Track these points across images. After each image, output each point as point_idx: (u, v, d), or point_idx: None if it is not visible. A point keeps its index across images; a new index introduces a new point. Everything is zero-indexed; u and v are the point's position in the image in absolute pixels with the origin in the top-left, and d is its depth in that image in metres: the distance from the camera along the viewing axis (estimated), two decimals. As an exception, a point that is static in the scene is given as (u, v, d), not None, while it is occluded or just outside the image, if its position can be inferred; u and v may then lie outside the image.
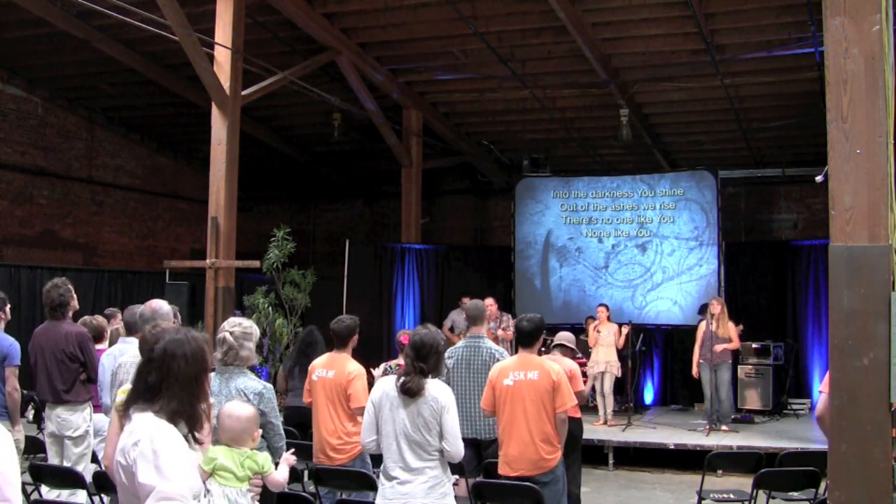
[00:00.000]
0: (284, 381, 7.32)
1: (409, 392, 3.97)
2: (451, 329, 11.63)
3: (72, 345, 5.82)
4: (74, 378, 5.83)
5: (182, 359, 2.50)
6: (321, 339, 7.30)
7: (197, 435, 2.55)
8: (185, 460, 2.41)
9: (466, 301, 11.76)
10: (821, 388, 3.86)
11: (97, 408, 5.95)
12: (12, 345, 5.62)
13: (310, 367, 5.67)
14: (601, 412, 10.22)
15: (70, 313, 5.97)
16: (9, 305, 5.80)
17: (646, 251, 12.21)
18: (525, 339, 5.08)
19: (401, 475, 3.96)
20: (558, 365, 5.16)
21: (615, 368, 10.14)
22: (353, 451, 5.31)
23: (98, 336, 6.46)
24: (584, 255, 12.56)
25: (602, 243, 12.47)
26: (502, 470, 4.98)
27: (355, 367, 5.43)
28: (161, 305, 4.76)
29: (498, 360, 5.69)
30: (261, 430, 3.77)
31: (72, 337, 5.83)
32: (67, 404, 5.82)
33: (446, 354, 5.97)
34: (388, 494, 3.99)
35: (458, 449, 4.01)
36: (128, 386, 3.77)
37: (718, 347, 9.58)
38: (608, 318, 10.40)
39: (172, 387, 2.46)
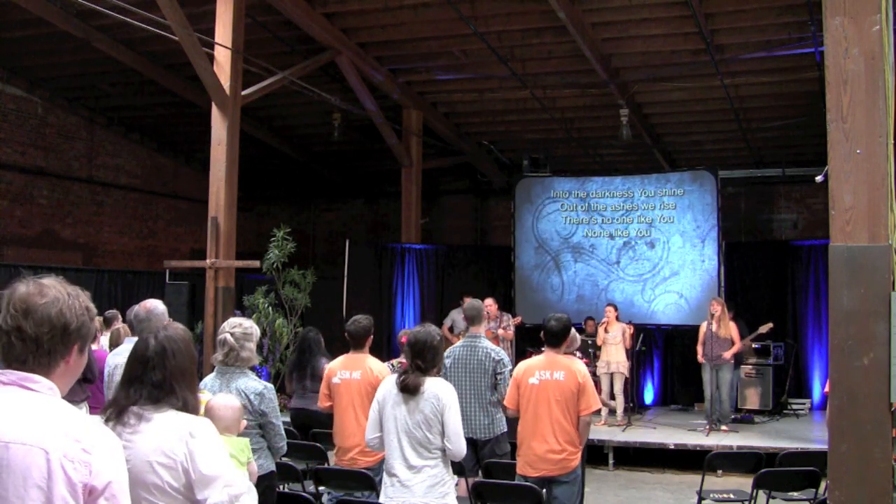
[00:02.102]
0: (290, 384, 7.32)
1: (408, 389, 3.98)
2: (451, 329, 11.63)
3: None
4: (71, 378, 5.82)
5: (181, 354, 2.56)
6: (320, 339, 7.30)
7: None
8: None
9: (468, 300, 11.79)
10: (826, 390, 3.86)
11: (96, 409, 5.93)
12: None
13: (327, 371, 5.58)
14: (604, 412, 10.21)
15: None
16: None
17: (654, 248, 12.24)
18: (552, 338, 5.05)
19: (402, 473, 3.96)
20: (584, 366, 5.17)
21: (625, 369, 10.12)
22: (380, 454, 5.24)
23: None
24: (596, 252, 12.58)
25: (613, 241, 12.51)
26: (523, 470, 4.96)
27: (382, 367, 5.39)
28: (156, 305, 4.76)
29: (495, 360, 5.69)
30: (245, 421, 3.80)
31: None
32: None
33: (445, 354, 5.97)
34: (390, 493, 4.00)
35: (460, 447, 4.01)
36: None
37: (727, 354, 9.59)
38: (617, 318, 10.37)
39: (179, 382, 2.51)
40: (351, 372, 5.37)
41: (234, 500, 2.33)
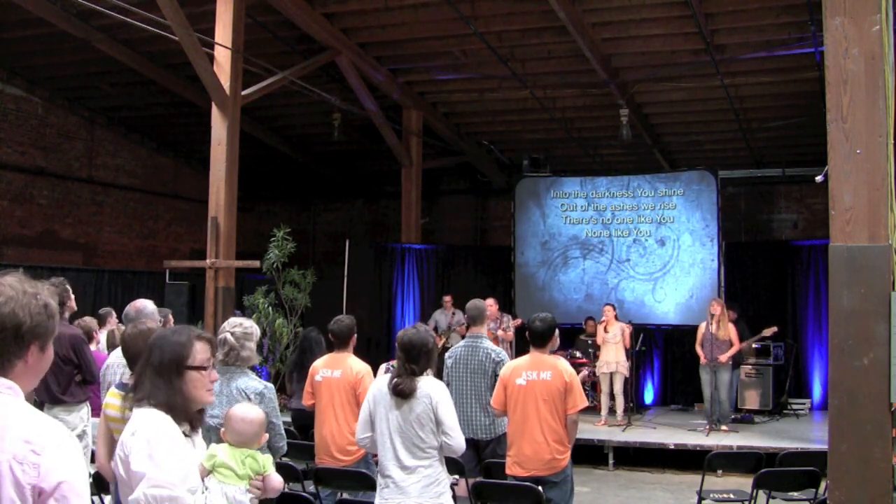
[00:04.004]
0: (290, 385, 7.32)
1: (402, 394, 3.96)
2: (435, 329, 11.66)
3: (65, 347, 5.73)
4: (69, 380, 5.79)
5: (158, 350, 2.56)
6: (321, 339, 7.29)
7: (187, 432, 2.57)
8: (180, 452, 2.43)
9: (448, 300, 11.86)
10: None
11: (97, 410, 5.91)
12: None
13: (311, 369, 5.61)
14: (603, 412, 10.21)
15: (67, 314, 5.89)
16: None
17: (664, 245, 12.16)
18: (537, 339, 5.06)
19: (396, 474, 3.95)
20: (570, 366, 5.17)
21: (624, 368, 10.11)
22: (360, 453, 5.24)
23: (87, 337, 6.41)
24: (605, 249, 12.50)
25: (622, 238, 12.41)
26: (512, 470, 4.96)
27: (362, 366, 5.39)
28: (145, 305, 4.76)
29: (495, 361, 5.68)
30: (267, 435, 3.77)
31: (65, 339, 5.75)
32: (64, 405, 5.77)
33: (447, 354, 5.96)
34: (385, 494, 3.98)
35: (459, 442, 3.99)
36: (115, 389, 3.79)
37: (723, 358, 9.59)
38: (615, 318, 10.36)
39: (149, 376, 2.52)
40: (332, 370, 5.39)
41: (154, 500, 2.28)
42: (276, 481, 3.45)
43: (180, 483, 2.36)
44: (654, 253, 12.24)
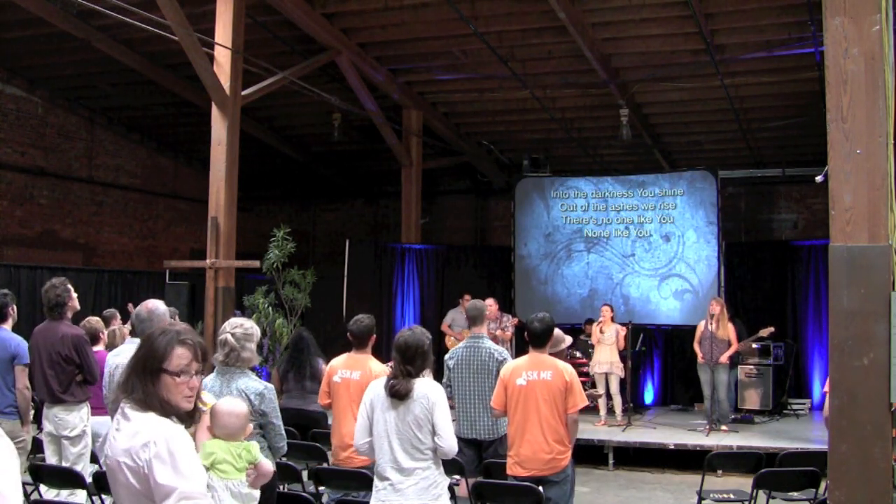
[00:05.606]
0: (279, 383, 7.33)
1: (398, 395, 3.97)
2: (450, 327, 11.68)
3: (67, 347, 5.73)
4: (70, 379, 5.79)
5: (142, 348, 2.53)
6: (312, 339, 7.32)
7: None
8: (197, 459, 2.45)
9: (468, 299, 11.85)
10: (825, 389, 3.87)
11: (100, 409, 5.90)
12: (20, 343, 5.62)
13: (328, 369, 5.60)
14: (602, 412, 10.21)
15: (69, 314, 5.89)
16: (14, 306, 5.80)
17: (669, 241, 12.07)
18: (536, 339, 5.07)
19: (393, 476, 3.94)
20: (570, 365, 5.17)
21: (619, 369, 10.11)
22: None
23: (93, 338, 6.42)
24: (611, 243, 12.40)
25: (627, 235, 12.35)
26: (513, 470, 4.96)
27: (382, 368, 5.37)
28: (157, 305, 4.75)
29: (498, 360, 5.67)
30: (251, 426, 3.79)
31: (67, 339, 5.74)
32: (64, 404, 5.77)
33: (448, 355, 5.96)
34: (382, 496, 3.98)
35: (451, 444, 4.00)
36: None
37: (723, 358, 9.60)
38: (612, 319, 10.37)
39: (132, 373, 2.49)
40: (351, 371, 5.37)
41: None
42: (267, 465, 3.56)
43: (205, 490, 2.41)
44: (659, 248, 12.18)
